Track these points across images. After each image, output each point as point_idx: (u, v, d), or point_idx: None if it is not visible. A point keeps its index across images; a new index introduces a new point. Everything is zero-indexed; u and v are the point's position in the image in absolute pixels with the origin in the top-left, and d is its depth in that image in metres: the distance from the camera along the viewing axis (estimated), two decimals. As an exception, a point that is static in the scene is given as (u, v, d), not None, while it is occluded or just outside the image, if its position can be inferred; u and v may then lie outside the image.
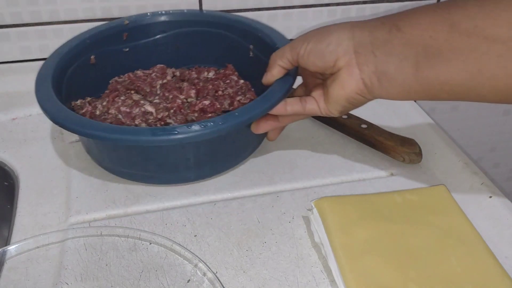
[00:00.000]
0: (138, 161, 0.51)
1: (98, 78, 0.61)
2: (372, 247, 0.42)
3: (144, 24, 0.64)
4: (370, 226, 0.44)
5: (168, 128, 0.45)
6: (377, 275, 0.40)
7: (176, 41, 0.66)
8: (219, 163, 0.53)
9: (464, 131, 0.96)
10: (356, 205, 0.46)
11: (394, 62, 0.42)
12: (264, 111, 0.47)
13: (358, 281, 0.40)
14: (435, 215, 0.45)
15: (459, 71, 0.39)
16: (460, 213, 0.46)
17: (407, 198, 0.47)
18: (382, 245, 0.42)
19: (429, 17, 0.41)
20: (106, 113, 0.55)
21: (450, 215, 0.45)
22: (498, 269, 0.41)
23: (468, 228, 0.44)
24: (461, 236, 0.43)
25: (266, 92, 0.49)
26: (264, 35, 0.60)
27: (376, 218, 0.45)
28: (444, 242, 0.43)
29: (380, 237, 0.43)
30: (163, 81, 0.61)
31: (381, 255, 0.42)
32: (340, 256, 0.41)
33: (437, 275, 0.40)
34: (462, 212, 0.46)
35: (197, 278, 0.42)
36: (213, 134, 0.45)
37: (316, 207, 0.46)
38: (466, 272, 0.40)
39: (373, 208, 0.46)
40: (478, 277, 0.40)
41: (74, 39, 0.60)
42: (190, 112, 0.55)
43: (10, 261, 0.44)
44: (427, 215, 0.45)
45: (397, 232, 0.43)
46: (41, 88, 0.51)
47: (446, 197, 0.47)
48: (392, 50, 0.42)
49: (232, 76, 0.62)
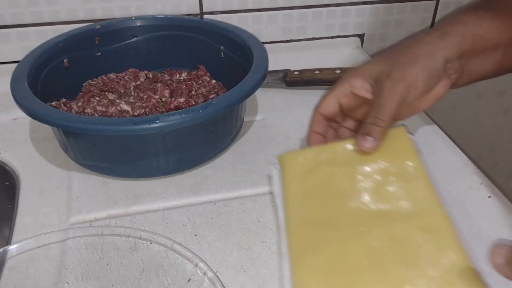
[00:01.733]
0: (118, 154, 0.51)
1: (71, 81, 0.62)
2: (316, 191, 0.44)
3: (116, 29, 0.66)
4: (321, 172, 0.45)
5: (149, 117, 0.47)
6: (314, 215, 0.42)
7: (148, 45, 0.68)
8: (197, 154, 0.54)
9: (463, 131, 0.96)
10: (313, 154, 0.47)
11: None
12: (240, 99, 0.50)
13: (297, 221, 0.42)
14: (386, 155, 0.45)
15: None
16: (411, 152, 0.45)
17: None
18: (326, 189, 0.44)
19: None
20: (82, 113, 0.55)
21: (400, 155, 0.45)
22: (432, 200, 0.41)
23: (414, 165, 0.44)
24: (405, 174, 0.44)
25: (240, 83, 0.51)
26: (234, 35, 0.62)
27: (330, 164, 0.46)
28: (386, 180, 0.43)
29: (327, 182, 0.45)
30: (137, 83, 0.62)
31: (323, 197, 0.44)
32: (288, 202, 0.44)
33: (369, 210, 0.42)
34: (413, 151, 0.45)
35: (198, 277, 0.42)
36: (194, 121, 0.47)
37: (278, 161, 0.48)
38: (397, 205, 0.41)
39: (330, 156, 0.47)
40: (409, 208, 0.41)
41: (47, 43, 0.60)
42: (166, 110, 0.56)
43: (11, 260, 0.44)
44: (378, 155, 0.45)
45: (344, 174, 0.45)
46: (17, 87, 0.51)
47: (401, 137, 0.47)
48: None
49: (204, 76, 0.64)
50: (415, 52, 0.46)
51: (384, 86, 0.44)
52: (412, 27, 0.83)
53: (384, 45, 0.84)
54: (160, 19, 0.67)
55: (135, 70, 0.65)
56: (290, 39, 0.80)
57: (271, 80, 0.70)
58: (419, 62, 0.45)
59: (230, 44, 0.63)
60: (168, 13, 0.73)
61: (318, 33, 0.80)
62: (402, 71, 0.45)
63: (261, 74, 0.53)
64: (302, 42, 0.80)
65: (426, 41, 0.47)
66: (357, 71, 0.48)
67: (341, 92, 0.48)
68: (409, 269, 0.37)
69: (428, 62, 0.45)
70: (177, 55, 0.68)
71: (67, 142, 0.52)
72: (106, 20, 0.67)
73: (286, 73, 0.71)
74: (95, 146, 0.51)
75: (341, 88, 0.48)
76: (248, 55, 0.58)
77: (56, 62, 0.60)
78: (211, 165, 0.56)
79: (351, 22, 0.80)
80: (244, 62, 0.59)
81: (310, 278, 0.38)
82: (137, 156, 0.51)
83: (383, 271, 0.37)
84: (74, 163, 0.55)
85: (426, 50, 0.46)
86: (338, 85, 0.48)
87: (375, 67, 0.47)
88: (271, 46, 0.78)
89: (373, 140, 0.44)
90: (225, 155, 0.57)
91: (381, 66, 0.46)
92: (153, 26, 0.67)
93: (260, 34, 0.77)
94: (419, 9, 0.81)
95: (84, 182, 0.53)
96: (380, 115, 0.44)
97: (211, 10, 0.74)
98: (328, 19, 0.79)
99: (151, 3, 0.72)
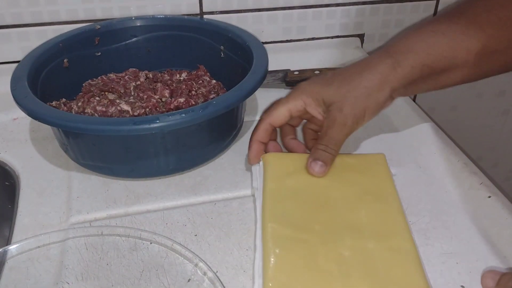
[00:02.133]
0: (118, 154, 0.51)
1: (71, 81, 0.62)
2: (294, 194, 0.47)
3: (116, 29, 0.66)
4: (301, 178, 0.49)
5: (149, 117, 0.47)
6: (290, 215, 0.45)
7: (148, 45, 0.68)
8: (197, 154, 0.54)
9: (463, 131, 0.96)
10: (296, 160, 0.51)
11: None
12: (240, 99, 0.50)
13: (273, 217, 0.45)
14: (364, 176, 0.50)
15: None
16: (388, 177, 0.50)
17: (344, 160, 0.51)
18: (304, 194, 0.47)
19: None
20: (82, 113, 0.55)
21: (377, 178, 0.50)
22: (402, 225, 0.45)
23: (389, 190, 0.48)
24: (380, 196, 0.47)
25: (240, 83, 0.51)
26: (234, 35, 0.62)
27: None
28: (362, 198, 0.47)
29: (306, 188, 0.48)
30: (137, 83, 0.62)
31: (300, 201, 0.47)
32: (266, 198, 0.47)
33: (343, 221, 0.45)
34: (390, 177, 0.50)
35: (198, 277, 0.42)
36: (194, 121, 0.47)
37: (262, 160, 0.51)
38: (371, 222, 0.44)
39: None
40: (381, 228, 0.44)
41: (47, 43, 0.60)
42: (166, 110, 0.56)
43: (11, 260, 0.44)
44: (357, 175, 0.50)
45: (323, 185, 0.48)
46: (17, 87, 0.51)
47: (380, 163, 0.51)
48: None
49: (204, 76, 0.64)
50: (366, 86, 0.49)
51: (336, 120, 0.49)
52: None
53: (384, 45, 0.84)
54: (160, 19, 0.67)
55: (135, 70, 0.65)
56: (290, 39, 0.80)
57: (271, 80, 0.70)
58: (370, 97, 0.49)
59: (230, 44, 0.63)
60: (168, 13, 0.73)
61: (318, 33, 0.80)
62: (353, 107, 0.48)
63: (261, 74, 0.53)
64: (302, 42, 0.80)
65: (379, 70, 0.49)
66: (311, 90, 0.51)
67: (294, 107, 0.51)
68: (373, 283, 0.40)
69: (378, 96, 0.49)
70: (177, 55, 0.68)
71: (67, 142, 0.52)
72: (106, 20, 0.67)
73: (286, 73, 0.71)
74: (95, 146, 0.51)
75: (295, 103, 0.51)
76: (248, 55, 0.58)
77: (56, 62, 0.60)
78: (211, 165, 0.56)
79: (351, 22, 0.80)
80: (244, 62, 0.59)
81: (281, 273, 0.40)
82: (137, 156, 0.51)
83: (349, 280, 0.40)
84: (74, 163, 0.55)
85: (377, 82, 0.49)
86: (292, 99, 0.51)
87: (328, 94, 0.50)
88: (271, 46, 0.78)
89: (323, 165, 0.48)
90: (225, 155, 0.57)
91: (334, 95, 0.50)
92: (153, 26, 0.67)
93: (260, 34, 0.77)
94: (419, 9, 0.81)
95: (84, 182, 0.53)
96: (330, 144, 0.49)
97: (211, 10, 0.74)
98: (328, 19, 0.79)
99: (151, 3, 0.72)
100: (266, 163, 0.51)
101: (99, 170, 0.53)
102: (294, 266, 0.41)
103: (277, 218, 0.45)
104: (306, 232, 0.43)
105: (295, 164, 0.50)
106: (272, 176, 0.49)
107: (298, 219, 0.45)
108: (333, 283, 0.40)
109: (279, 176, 0.49)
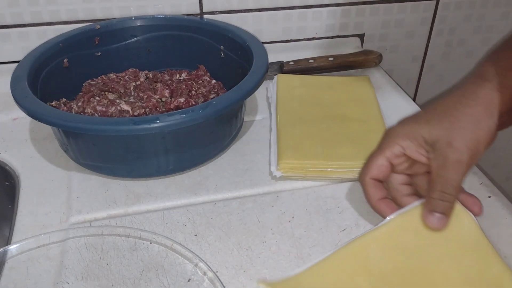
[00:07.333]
0: (118, 154, 0.51)
1: (71, 81, 0.62)
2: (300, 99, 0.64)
3: (116, 29, 0.66)
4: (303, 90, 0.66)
5: (149, 117, 0.47)
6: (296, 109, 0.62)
7: (148, 45, 0.68)
8: (197, 154, 0.54)
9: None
10: (302, 79, 0.68)
11: None
12: (240, 99, 0.51)
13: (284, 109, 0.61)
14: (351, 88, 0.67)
15: None
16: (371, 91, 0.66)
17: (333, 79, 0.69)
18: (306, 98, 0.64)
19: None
20: (82, 113, 0.55)
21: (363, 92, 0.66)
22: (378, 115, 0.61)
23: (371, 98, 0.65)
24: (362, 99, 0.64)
25: (240, 83, 0.52)
26: (234, 35, 0.62)
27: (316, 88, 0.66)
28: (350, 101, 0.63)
29: (307, 96, 0.64)
30: (137, 83, 0.62)
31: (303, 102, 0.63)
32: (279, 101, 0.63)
33: (333, 113, 0.61)
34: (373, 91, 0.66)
35: (198, 277, 0.43)
36: (194, 121, 0.47)
37: (277, 79, 0.67)
38: (354, 113, 0.61)
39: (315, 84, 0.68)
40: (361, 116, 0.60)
41: (47, 43, 0.61)
42: (166, 110, 0.56)
43: (11, 260, 0.44)
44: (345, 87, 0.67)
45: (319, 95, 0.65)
46: (17, 87, 0.51)
47: (366, 86, 0.67)
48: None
49: (204, 76, 0.64)
50: (471, 113, 0.43)
51: (448, 157, 0.42)
52: (412, 27, 0.83)
53: (384, 45, 0.84)
54: (160, 19, 0.67)
55: (135, 70, 0.65)
56: (290, 39, 0.80)
57: (267, 73, 0.70)
58: (480, 126, 0.43)
59: (230, 44, 0.63)
60: (168, 13, 0.73)
61: (318, 33, 0.80)
62: (464, 139, 0.42)
63: (261, 74, 0.53)
64: (302, 42, 0.80)
65: (480, 95, 0.43)
66: (408, 132, 0.45)
67: (392, 154, 0.45)
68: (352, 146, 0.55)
69: (489, 123, 0.43)
70: (177, 55, 0.68)
71: (67, 142, 0.52)
72: (106, 20, 0.67)
73: (281, 64, 0.72)
74: (95, 146, 0.51)
75: (392, 149, 0.45)
76: (248, 55, 0.58)
77: (56, 62, 0.60)
78: (211, 165, 0.56)
79: (351, 22, 0.80)
80: (244, 62, 0.59)
81: (291, 139, 0.56)
82: (137, 156, 0.51)
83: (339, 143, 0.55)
84: (74, 163, 0.55)
85: (483, 108, 0.43)
86: (386, 146, 0.46)
87: (429, 131, 0.44)
88: (271, 46, 0.78)
89: (442, 217, 0.42)
90: (225, 155, 0.57)
91: (436, 130, 0.43)
92: (153, 26, 0.67)
93: (260, 34, 0.77)
94: (419, 9, 0.81)
95: (84, 182, 0.53)
96: (447, 189, 0.42)
97: (211, 10, 0.74)
98: (328, 19, 0.79)
99: (151, 3, 0.72)
100: (279, 81, 0.66)
101: (99, 170, 0.54)
102: (299, 135, 0.56)
103: (286, 110, 0.61)
104: (308, 117, 0.60)
105: (301, 81, 0.67)
106: (284, 88, 0.65)
107: (302, 112, 0.61)
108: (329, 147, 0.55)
109: (290, 89, 0.65)
